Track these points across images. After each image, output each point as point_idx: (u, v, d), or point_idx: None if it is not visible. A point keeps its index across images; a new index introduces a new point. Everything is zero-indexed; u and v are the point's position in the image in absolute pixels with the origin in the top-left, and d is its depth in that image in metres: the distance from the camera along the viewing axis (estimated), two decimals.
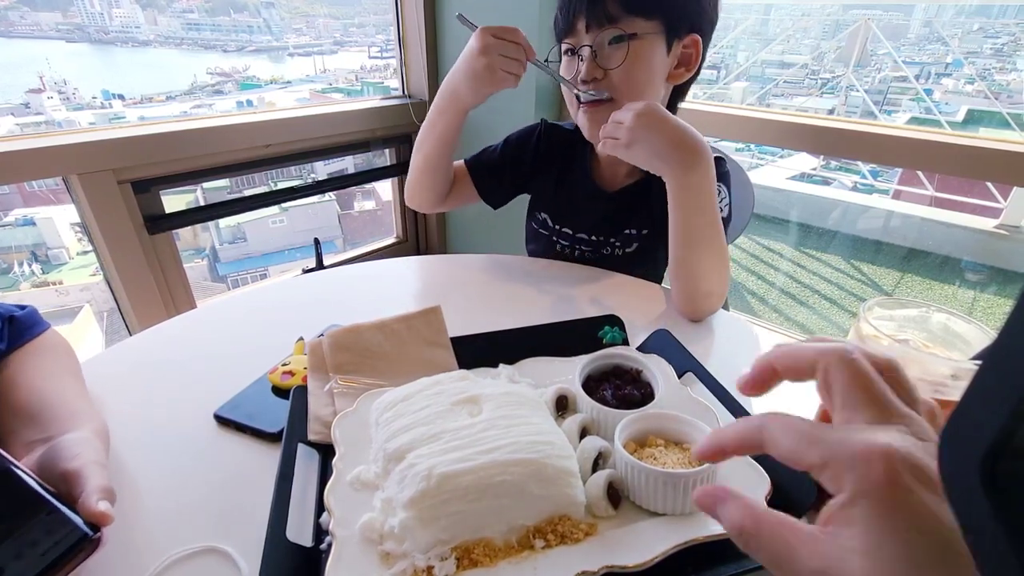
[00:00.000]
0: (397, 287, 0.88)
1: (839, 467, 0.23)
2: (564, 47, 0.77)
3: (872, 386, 0.25)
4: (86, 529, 0.35)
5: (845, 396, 0.26)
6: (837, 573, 0.22)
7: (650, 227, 0.86)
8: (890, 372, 0.27)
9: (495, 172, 0.93)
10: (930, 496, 0.21)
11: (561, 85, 0.80)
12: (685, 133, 0.68)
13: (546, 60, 0.80)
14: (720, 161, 0.83)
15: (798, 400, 0.56)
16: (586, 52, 0.73)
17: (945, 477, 0.15)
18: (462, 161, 0.94)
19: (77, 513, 0.35)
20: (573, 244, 0.92)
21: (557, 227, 0.93)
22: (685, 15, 0.74)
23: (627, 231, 0.87)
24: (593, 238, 0.90)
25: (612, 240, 0.89)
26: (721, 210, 0.79)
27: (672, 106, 0.84)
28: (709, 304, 0.73)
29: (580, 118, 0.80)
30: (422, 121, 0.87)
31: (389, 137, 1.60)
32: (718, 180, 0.80)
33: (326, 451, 0.47)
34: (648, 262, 0.88)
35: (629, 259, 0.88)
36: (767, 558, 0.25)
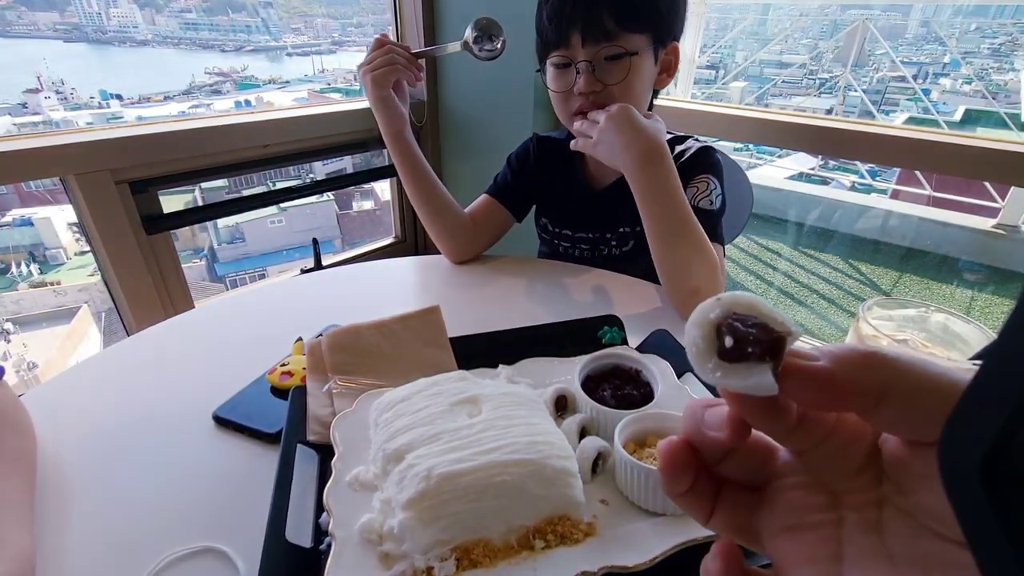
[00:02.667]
0: (396, 287, 0.88)
1: None
2: (555, 59, 0.78)
3: None
4: None
5: None
6: None
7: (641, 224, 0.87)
8: None
9: (514, 186, 0.96)
10: None
11: (551, 95, 0.82)
12: (640, 137, 0.72)
13: (538, 69, 0.84)
14: (708, 151, 0.85)
15: None
16: (584, 67, 0.75)
17: (945, 478, 0.15)
18: (485, 195, 0.97)
19: None
20: (573, 245, 0.94)
21: (557, 230, 0.96)
22: (669, 26, 0.78)
23: (621, 229, 0.89)
24: (589, 235, 0.92)
25: (608, 237, 0.91)
26: (712, 203, 0.80)
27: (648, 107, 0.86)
28: (697, 302, 0.73)
29: (576, 126, 0.82)
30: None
31: None
32: (707, 171, 0.82)
33: (325, 452, 0.47)
34: (646, 260, 0.89)
35: (627, 257, 0.90)
36: None
